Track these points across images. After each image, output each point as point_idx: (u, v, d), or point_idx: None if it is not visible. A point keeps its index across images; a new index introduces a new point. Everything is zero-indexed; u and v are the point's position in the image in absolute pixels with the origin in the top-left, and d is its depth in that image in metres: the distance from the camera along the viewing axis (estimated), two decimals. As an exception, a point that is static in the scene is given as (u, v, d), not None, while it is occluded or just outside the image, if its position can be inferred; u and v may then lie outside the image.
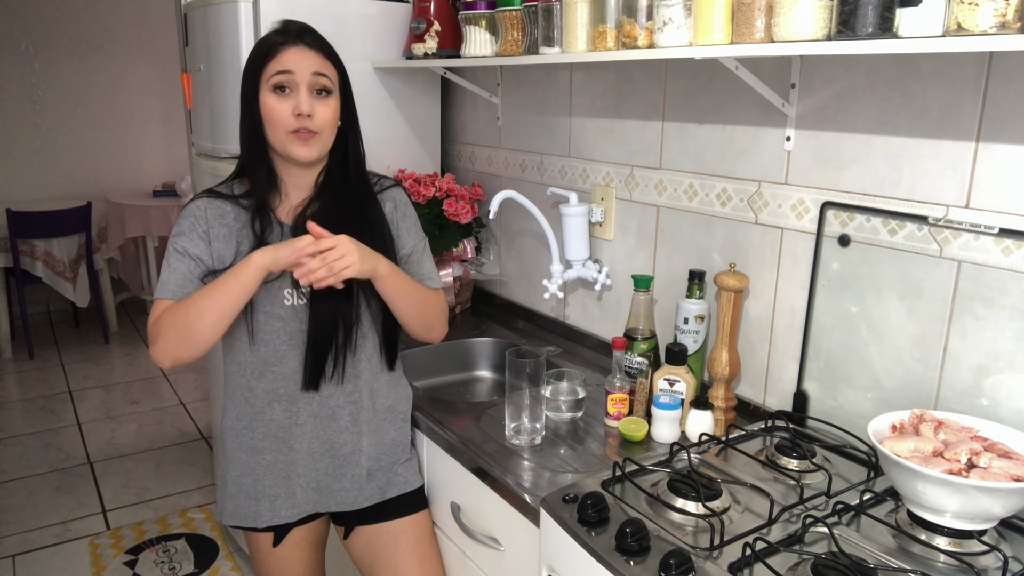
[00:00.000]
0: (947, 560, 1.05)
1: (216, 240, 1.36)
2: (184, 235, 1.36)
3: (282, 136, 1.33)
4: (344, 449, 1.46)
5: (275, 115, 1.32)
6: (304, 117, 1.31)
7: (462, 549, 1.54)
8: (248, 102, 1.35)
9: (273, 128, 1.33)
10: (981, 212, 1.19)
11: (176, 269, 1.34)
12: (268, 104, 1.32)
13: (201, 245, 1.35)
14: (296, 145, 1.33)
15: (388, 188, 1.52)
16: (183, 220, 1.37)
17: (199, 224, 1.36)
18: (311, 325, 1.38)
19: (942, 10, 0.98)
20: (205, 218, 1.37)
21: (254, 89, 1.33)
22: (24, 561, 2.60)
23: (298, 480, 1.45)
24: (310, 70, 1.32)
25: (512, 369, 1.48)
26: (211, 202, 1.39)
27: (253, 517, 1.46)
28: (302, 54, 1.32)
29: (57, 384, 4.12)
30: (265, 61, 1.32)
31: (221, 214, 1.38)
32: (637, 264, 1.83)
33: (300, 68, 1.31)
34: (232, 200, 1.40)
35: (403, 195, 1.54)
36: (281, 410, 1.41)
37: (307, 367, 1.40)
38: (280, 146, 1.34)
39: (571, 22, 1.52)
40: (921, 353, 1.29)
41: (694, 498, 1.18)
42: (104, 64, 5.21)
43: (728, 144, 1.56)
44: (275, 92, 1.32)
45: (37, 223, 4.33)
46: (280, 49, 1.32)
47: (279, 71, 1.31)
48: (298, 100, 1.31)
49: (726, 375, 1.52)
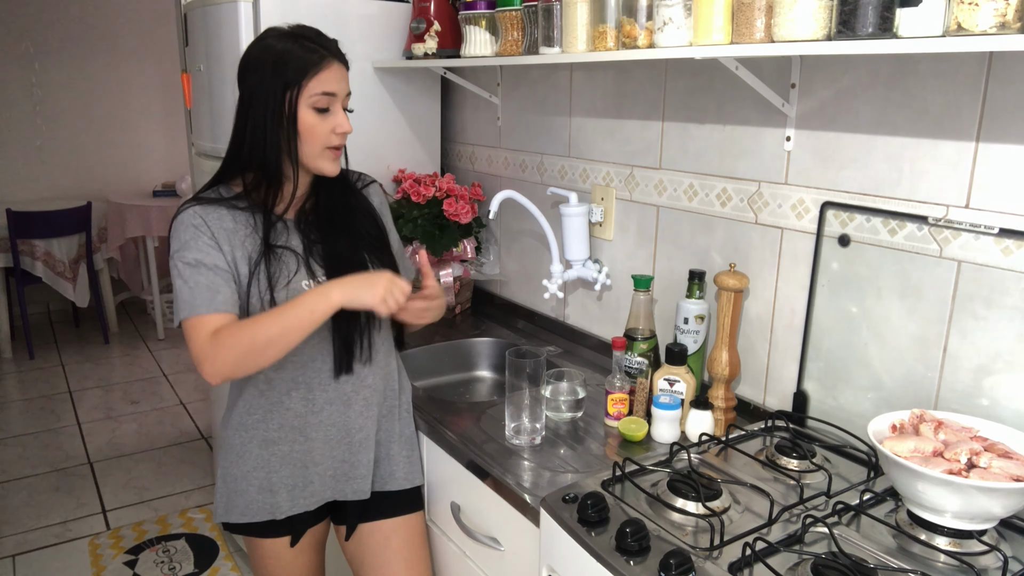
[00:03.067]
0: (947, 560, 1.05)
1: (224, 243, 1.32)
2: (189, 247, 1.29)
3: (318, 152, 1.34)
4: (359, 435, 1.47)
5: (317, 132, 1.32)
6: (345, 135, 1.35)
7: (462, 549, 1.54)
8: (276, 113, 1.29)
9: (311, 144, 1.33)
10: (981, 212, 1.19)
11: (197, 283, 1.28)
12: (309, 121, 1.31)
13: (212, 252, 1.30)
14: (328, 162, 1.36)
15: (369, 184, 1.55)
16: (181, 233, 1.31)
17: (201, 232, 1.31)
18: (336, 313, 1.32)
19: (942, 10, 0.98)
20: (205, 224, 1.32)
21: (290, 102, 1.29)
22: (24, 561, 2.60)
23: (315, 468, 1.45)
24: (346, 91, 1.35)
25: (512, 369, 1.48)
26: (202, 208, 1.34)
27: (271, 510, 1.44)
28: (341, 73, 1.34)
29: (57, 384, 4.12)
30: (305, 76, 1.28)
31: (218, 217, 1.34)
32: (637, 264, 1.83)
33: (340, 88, 1.33)
34: (226, 203, 1.36)
35: (381, 191, 1.58)
36: (299, 398, 1.41)
37: (337, 354, 1.41)
38: (311, 160, 1.35)
39: (571, 22, 1.52)
40: (921, 353, 1.29)
41: (694, 498, 1.18)
42: (104, 64, 5.21)
43: (728, 144, 1.56)
44: (317, 111, 1.31)
45: (37, 223, 4.32)
46: (321, 66, 1.30)
47: (325, 92, 1.30)
48: (339, 120, 1.33)
49: (726, 375, 1.52)
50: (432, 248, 2.12)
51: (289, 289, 1.35)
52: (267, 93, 1.29)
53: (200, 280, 1.28)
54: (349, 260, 1.41)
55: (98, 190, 5.18)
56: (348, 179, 1.50)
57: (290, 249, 1.38)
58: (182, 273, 1.29)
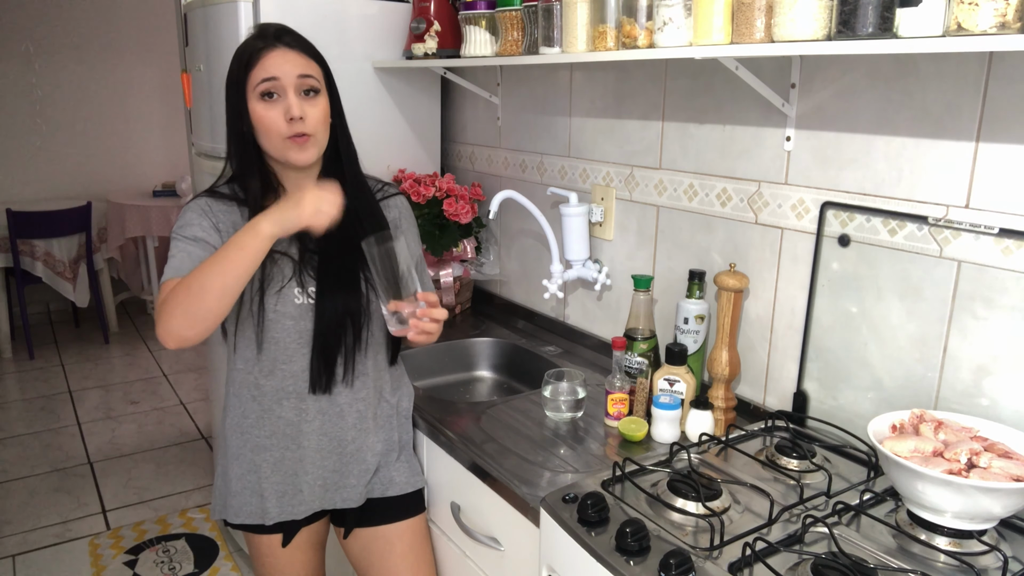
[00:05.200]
0: (947, 560, 1.05)
1: (226, 234, 1.33)
2: (192, 225, 1.31)
3: (278, 143, 1.30)
4: (351, 446, 1.46)
5: (267, 122, 1.29)
6: (297, 121, 1.29)
7: (462, 549, 1.54)
8: (235, 112, 1.32)
9: (267, 136, 1.30)
10: (981, 212, 1.19)
11: (189, 252, 1.28)
12: (258, 112, 1.29)
13: (212, 233, 1.31)
14: (294, 151, 1.31)
15: (392, 196, 1.51)
16: (187, 213, 1.33)
17: (206, 216, 1.33)
18: (317, 327, 1.37)
19: (942, 10, 0.98)
20: (212, 211, 1.34)
21: (241, 98, 1.30)
22: (24, 561, 2.60)
23: (305, 477, 1.45)
24: (295, 72, 1.29)
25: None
26: (215, 200, 1.37)
27: (260, 515, 1.45)
28: (285, 56, 1.29)
29: (57, 384, 4.12)
30: (248, 69, 1.29)
31: (227, 209, 1.36)
32: (637, 264, 1.83)
33: (285, 72, 1.28)
34: (237, 201, 1.38)
35: (407, 204, 1.54)
36: (290, 407, 1.41)
37: (314, 370, 1.38)
38: (277, 153, 1.32)
39: (571, 22, 1.52)
40: (921, 353, 1.29)
41: (694, 498, 1.18)
42: (104, 64, 5.21)
43: (728, 144, 1.56)
44: (263, 99, 1.29)
45: (37, 223, 4.32)
46: (261, 54, 1.28)
47: (265, 78, 1.28)
48: (287, 104, 1.28)
49: (726, 375, 1.52)
50: (432, 248, 2.12)
51: (280, 295, 1.35)
52: (228, 93, 1.33)
53: (194, 252, 1.28)
54: (340, 277, 1.37)
55: (98, 190, 5.18)
56: (363, 182, 1.47)
57: (288, 256, 1.37)
58: (175, 244, 1.30)
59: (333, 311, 1.37)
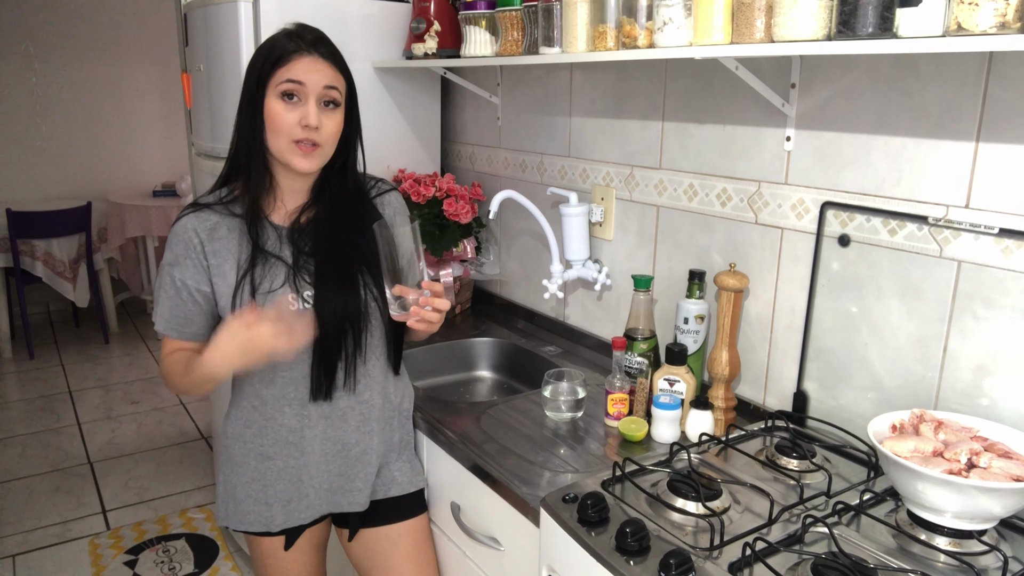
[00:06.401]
0: (947, 560, 1.05)
1: (213, 256, 1.32)
2: (179, 264, 1.33)
3: (284, 144, 1.29)
4: (355, 449, 1.45)
5: (280, 122, 1.28)
6: (311, 129, 1.28)
7: (462, 549, 1.54)
8: (251, 102, 1.31)
9: (276, 134, 1.29)
10: (981, 212, 1.19)
11: (176, 306, 1.34)
12: (274, 110, 1.28)
13: (199, 275, 1.32)
14: (298, 157, 1.30)
15: (386, 192, 1.50)
16: (175, 245, 1.34)
17: (191, 250, 1.32)
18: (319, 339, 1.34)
19: (942, 10, 0.98)
20: (197, 240, 1.32)
21: (259, 91, 1.29)
22: (24, 561, 2.60)
23: (310, 483, 1.44)
24: (322, 83, 1.28)
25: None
26: (198, 218, 1.34)
27: (266, 523, 1.45)
28: (316, 65, 1.28)
29: (57, 384, 4.12)
30: (276, 66, 1.28)
31: (212, 229, 1.34)
32: (637, 264, 1.83)
33: (312, 80, 1.28)
34: (221, 208, 1.36)
35: (402, 200, 1.52)
36: (292, 415, 1.40)
37: (315, 378, 1.37)
38: (280, 154, 1.31)
39: (571, 22, 1.52)
40: (921, 353, 1.29)
41: (694, 498, 1.18)
42: (104, 64, 5.21)
43: (728, 144, 1.56)
44: (283, 99, 1.28)
45: (37, 223, 4.32)
46: (293, 56, 1.27)
47: (290, 79, 1.27)
48: (306, 111, 1.28)
49: (726, 375, 1.52)
50: (432, 248, 2.12)
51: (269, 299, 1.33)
52: (246, 83, 1.32)
53: (180, 303, 1.35)
54: (338, 281, 1.36)
55: (98, 190, 5.17)
56: (362, 188, 1.45)
57: (281, 259, 1.35)
58: (166, 288, 1.35)
59: (332, 315, 1.35)
